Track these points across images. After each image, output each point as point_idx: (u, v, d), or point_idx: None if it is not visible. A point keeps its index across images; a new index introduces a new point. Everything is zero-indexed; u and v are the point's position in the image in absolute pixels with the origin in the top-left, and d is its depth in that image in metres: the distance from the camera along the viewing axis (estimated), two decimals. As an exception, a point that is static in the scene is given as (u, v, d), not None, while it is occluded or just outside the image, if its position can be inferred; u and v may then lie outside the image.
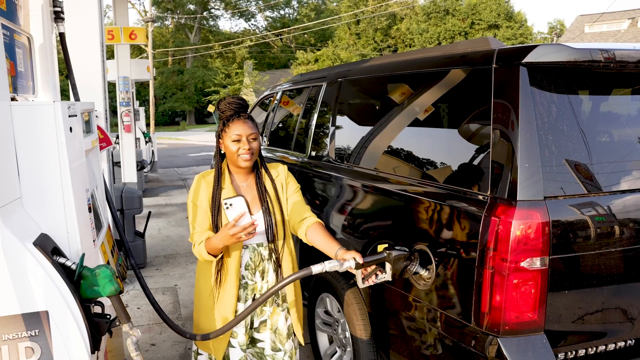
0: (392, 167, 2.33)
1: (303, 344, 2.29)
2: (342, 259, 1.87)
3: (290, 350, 2.20)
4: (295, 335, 2.25)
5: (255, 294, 2.13)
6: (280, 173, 2.19)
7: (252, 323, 2.16)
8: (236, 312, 2.09)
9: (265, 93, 4.82)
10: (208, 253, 1.98)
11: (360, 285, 1.91)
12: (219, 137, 2.09)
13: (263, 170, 2.16)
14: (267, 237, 2.09)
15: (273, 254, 2.12)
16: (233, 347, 2.12)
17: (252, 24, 53.54)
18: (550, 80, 1.76)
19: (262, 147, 2.54)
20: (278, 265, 2.12)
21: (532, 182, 1.66)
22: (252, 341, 2.18)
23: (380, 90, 2.58)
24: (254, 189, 2.13)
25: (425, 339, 2.01)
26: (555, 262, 1.69)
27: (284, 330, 2.18)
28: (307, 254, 2.92)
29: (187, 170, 13.58)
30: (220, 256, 2.02)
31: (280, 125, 4.08)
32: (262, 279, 2.13)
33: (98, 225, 2.28)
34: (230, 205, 1.90)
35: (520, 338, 1.69)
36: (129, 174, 7.82)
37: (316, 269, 1.84)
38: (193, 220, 2.08)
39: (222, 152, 2.10)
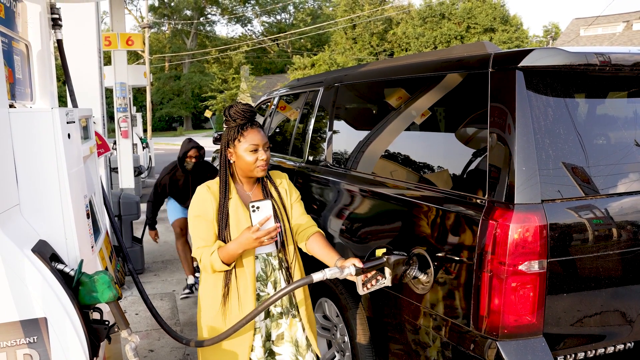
0: (390, 172, 2.33)
1: (320, 356, 2.22)
2: (341, 266, 1.86)
3: None
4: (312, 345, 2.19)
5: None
6: (282, 180, 2.17)
7: (269, 336, 2.10)
8: (255, 326, 2.03)
9: (262, 98, 4.83)
10: (222, 262, 1.91)
11: (361, 292, 1.90)
12: (227, 145, 2.01)
13: (267, 179, 2.12)
14: (277, 245, 2.06)
15: (283, 263, 2.08)
16: None
17: (248, 29, 53.63)
18: (546, 84, 1.77)
19: None
20: (289, 275, 2.07)
21: (529, 185, 1.67)
22: (271, 354, 2.10)
23: (377, 94, 2.58)
24: (261, 197, 2.09)
25: (424, 343, 2.01)
26: (553, 265, 1.69)
27: (303, 341, 2.13)
28: (307, 262, 2.92)
29: (185, 175, 13.52)
30: (232, 266, 1.96)
31: (278, 130, 4.08)
32: (275, 290, 2.06)
33: (96, 231, 2.28)
34: (257, 208, 1.86)
35: (519, 341, 1.69)
36: (126, 180, 7.81)
37: (317, 276, 1.83)
38: (197, 234, 1.98)
39: (230, 161, 2.03)
